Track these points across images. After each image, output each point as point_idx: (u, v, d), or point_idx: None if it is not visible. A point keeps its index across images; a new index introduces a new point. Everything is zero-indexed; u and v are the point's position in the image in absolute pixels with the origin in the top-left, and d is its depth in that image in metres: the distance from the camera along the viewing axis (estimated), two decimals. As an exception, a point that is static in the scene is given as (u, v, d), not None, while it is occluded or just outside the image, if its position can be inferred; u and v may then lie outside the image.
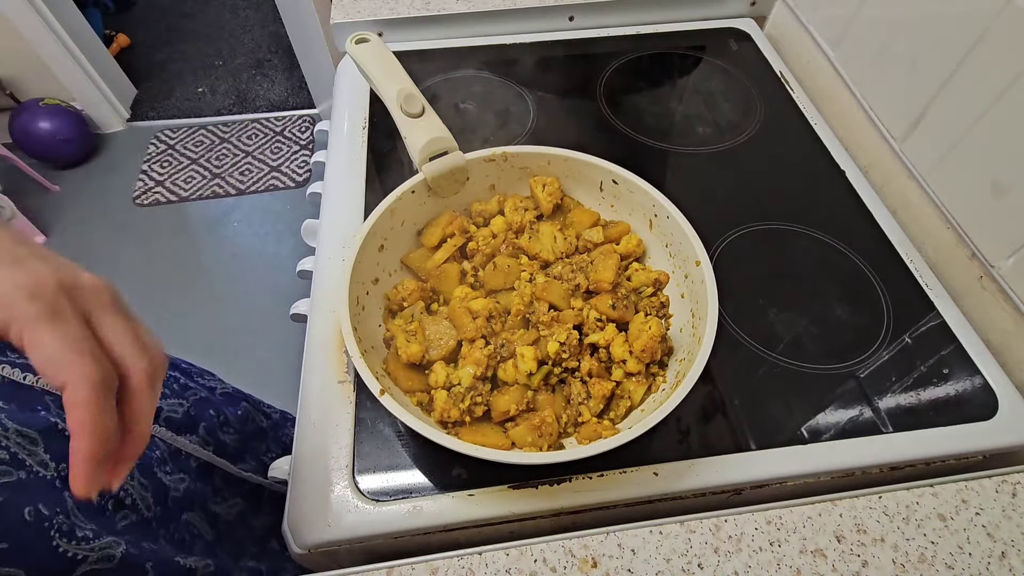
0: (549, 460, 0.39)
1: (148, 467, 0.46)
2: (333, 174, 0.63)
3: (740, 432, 0.45)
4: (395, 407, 0.39)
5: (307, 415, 0.46)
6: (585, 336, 0.46)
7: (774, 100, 0.70)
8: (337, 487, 0.42)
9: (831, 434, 0.45)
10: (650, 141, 0.66)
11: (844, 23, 0.65)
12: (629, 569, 0.38)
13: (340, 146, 0.65)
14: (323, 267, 0.55)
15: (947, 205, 0.54)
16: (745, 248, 0.56)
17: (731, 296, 0.52)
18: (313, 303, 0.52)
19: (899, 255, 0.56)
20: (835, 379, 0.48)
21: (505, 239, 0.52)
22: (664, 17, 0.80)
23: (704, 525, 0.40)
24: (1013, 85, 0.46)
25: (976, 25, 0.49)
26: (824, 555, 0.38)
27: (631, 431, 0.38)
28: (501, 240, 0.51)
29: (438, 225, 0.52)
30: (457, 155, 0.51)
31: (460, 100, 0.70)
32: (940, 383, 0.48)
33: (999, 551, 0.39)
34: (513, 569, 0.38)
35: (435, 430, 0.38)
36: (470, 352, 0.44)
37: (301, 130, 2.02)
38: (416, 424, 0.38)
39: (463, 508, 0.41)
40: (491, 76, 0.73)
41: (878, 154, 0.63)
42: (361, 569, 0.38)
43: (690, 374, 0.40)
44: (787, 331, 0.50)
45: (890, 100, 0.60)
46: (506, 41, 0.78)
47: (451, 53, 0.76)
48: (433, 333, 0.46)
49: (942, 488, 0.42)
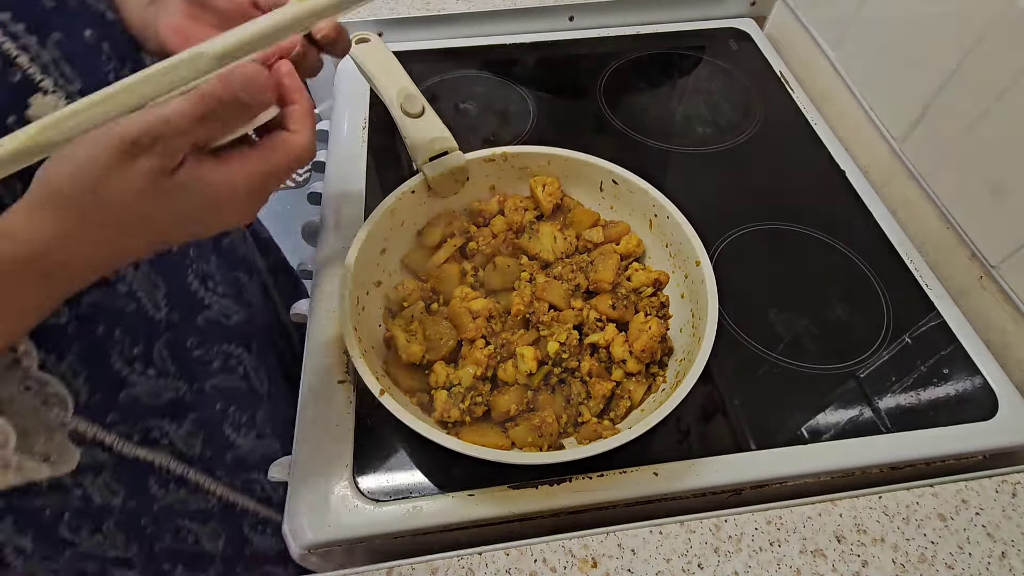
0: (549, 460, 0.39)
1: None
2: (333, 174, 0.63)
3: (740, 432, 0.45)
4: (395, 407, 0.39)
5: (307, 415, 0.46)
6: (585, 336, 0.46)
7: (774, 100, 0.71)
8: (337, 487, 0.42)
9: (831, 434, 0.45)
10: (650, 141, 0.66)
11: (844, 23, 0.65)
12: (629, 569, 0.38)
13: (340, 146, 0.65)
14: (323, 267, 0.55)
15: (947, 205, 0.54)
16: (745, 248, 0.56)
17: (731, 296, 0.52)
18: (313, 303, 0.52)
19: (899, 255, 0.56)
20: (835, 379, 0.48)
21: (505, 239, 0.52)
22: (664, 17, 0.80)
23: (704, 525, 0.40)
24: (1013, 85, 0.46)
25: (976, 25, 0.49)
26: (824, 555, 0.39)
27: (631, 431, 0.38)
28: (501, 240, 0.52)
29: (438, 225, 0.52)
30: (457, 155, 0.51)
31: (460, 100, 0.70)
32: (940, 383, 0.48)
33: (999, 551, 0.39)
34: (513, 569, 0.38)
35: (435, 430, 0.38)
36: (470, 352, 0.44)
37: (301, 130, 2.02)
38: (416, 424, 0.38)
39: (463, 508, 0.41)
40: (491, 76, 0.73)
41: (878, 154, 0.63)
42: (361, 569, 0.38)
43: (690, 374, 0.40)
44: (787, 331, 0.50)
45: (890, 100, 0.60)
46: (506, 41, 0.78)
47: (451, 53, 0.76)
48: (433, 333, 0.46)
49: (942, 488, 0.42)
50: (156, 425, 0.44)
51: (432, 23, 0.77)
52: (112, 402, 0.40)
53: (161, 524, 0.48)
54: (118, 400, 0.41)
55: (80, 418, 0.38)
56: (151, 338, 0.42)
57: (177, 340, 0.44)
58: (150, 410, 0.43)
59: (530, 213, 0.53)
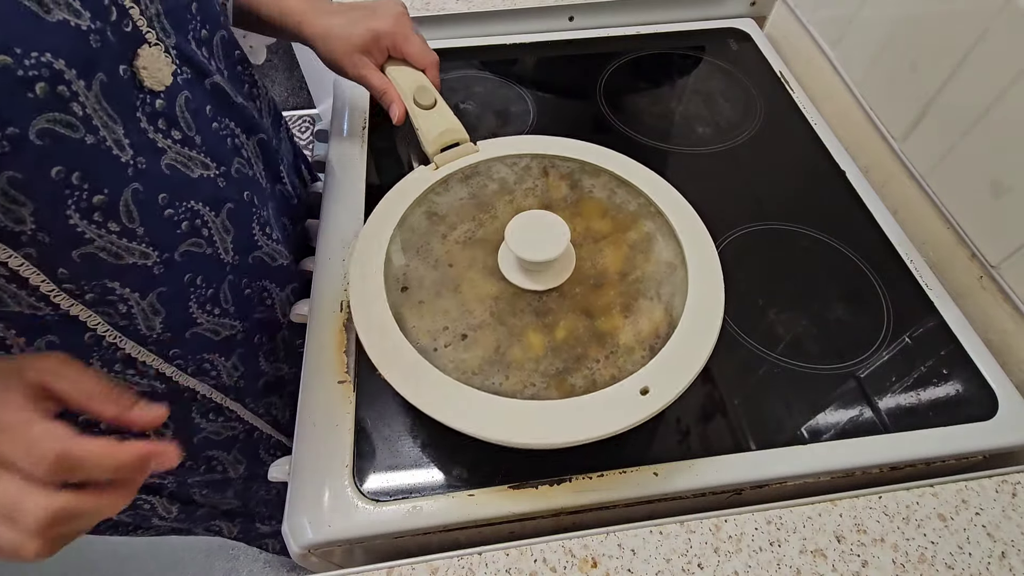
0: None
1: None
2: (333, 174, 0.63)
3: (740, 432, 0.45)
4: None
5: (307, 415, 0.46)
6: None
7: (774, 100, 0.71)
8: (337, 487, 0.42)
9: (831, 434, 0.45)
10: (650, 141, 0.66)
11: (844, 23, 0.65)
12: (629, 569, 0.38)
13: (340, 146, 0.65)
14: (323, 267, 0.55)
15: (947, 205, 0.54)
16: (745, 248, 0.56)
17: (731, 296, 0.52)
18: (313, 303, 0.52)
19: (899, 255, 0.56)
20: (835, 379, 0.48)
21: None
22: (664, 17, 0.80)
23: (704, 525, 0.40)
24: (1013, 85, 0.46)
25: (976, 25, 0.49)
26: (824, 555, 0.39)
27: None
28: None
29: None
30: (468, 146, 0.53)
31: (460, 100, 0.70)
32: (940, 383, 0.48)
33: (999, 551, 0.39)
34: (513, 569, 0.38)
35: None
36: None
37: (301, 130, 2.02)
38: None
39: (463, 508, 0.41)
40: (491, 76, 0.73)
41: (878, 154, 0.63)
42: (361, 569, 0.38)
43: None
44: (787, 331, 0.50)
45: (890, 100, 0.60)
46: (506, 41, 0.78)
47: (451, 53, 0.76)
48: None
49: (942, 488, 0.42)
50: (209, 359, 0.48)
51: (432, 23, 0.77)
52: (179, 340, 0.44)
53: (197, 456, 0.54)
54: (184, 337, 0.45)
55: (145, 349, 0.42)
56: (220, 281, 0.46)
57: (237, 281, 0.48)
58: (208, 345, 0.47)
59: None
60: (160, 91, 0.36)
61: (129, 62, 0.34)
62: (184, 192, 0.40)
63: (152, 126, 0.36)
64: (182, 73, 0.39)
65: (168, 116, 0.37)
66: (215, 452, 0.56)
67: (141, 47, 0.34)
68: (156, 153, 0.37)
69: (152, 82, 0.35)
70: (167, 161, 0.38)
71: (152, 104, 0.36)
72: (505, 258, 0.48)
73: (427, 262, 0.51)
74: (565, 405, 0.40)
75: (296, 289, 0.57)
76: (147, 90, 0.35)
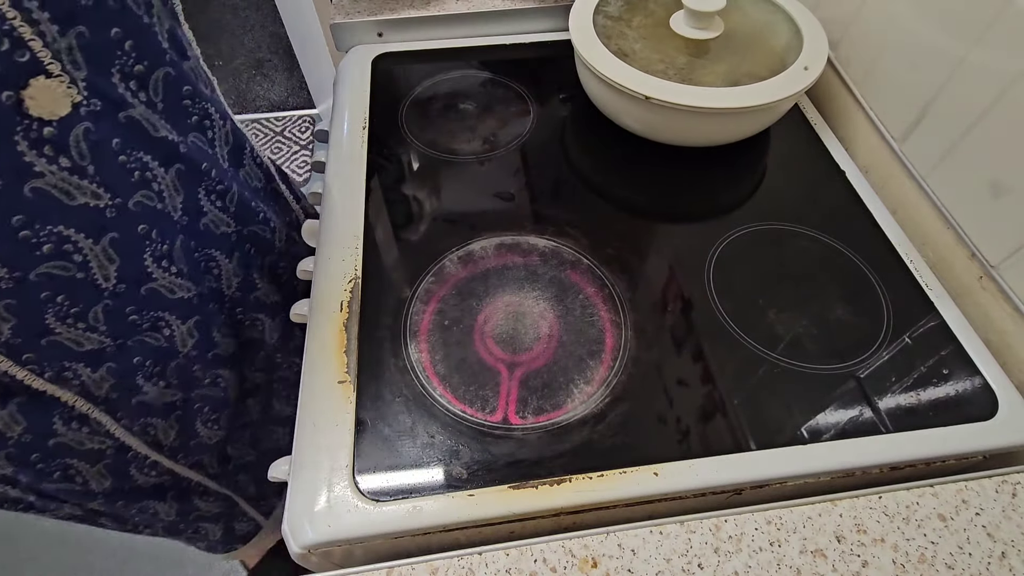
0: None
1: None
2: (333, 174, 0.63)
3: (740, 432, 0.45)
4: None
5: (307, 415, 0.46)
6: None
7: (774, 100, 0.70)
8: (337, 487, 0.42)
9: (831, 434, 0.45)
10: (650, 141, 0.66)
11: (844, 23, 0.65)
12: (629, 569, 0.38)
13: (340, 146, 0.65)
14: (323, 267, 0.55)
15: (947, 205, 0.54)
16: (745, 248, 0.56)
17: (731, 296, 0.52)
18: (313, 303, 0.52)
19: (899, 255, 0.56)
20: (835, 379, 0.48)
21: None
22: (664, 17, 0.80)
23: (704, 525, 0.40)
24: (1013, 85, 0.46)
25: (976, 25, 0.49)
26: (824, 555, 0.39)
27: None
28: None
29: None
30: None
31: (460, 100, 0.70)
32: (940, 383, 0.48)
33: (999, 551, 0.39)
34: (513, 569, 0.38)
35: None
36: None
37: (301, 130, 2.02)
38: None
39: (463, 508, 0.41)
40: (491, 76, 0.73)
41: (878, 154, 0.63)
42: (361, 569, 0.38)
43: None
44: (787, 331, 0.50)
45: (890, 100, 0.60)
46: (506, 41, 0.78)
47: (451, 53, 0.76)
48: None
49: (942, 488, 0.42)
50: (70, 367, 0.47)
51: (432, 23, 0.77)
52: (33, 345, 0.44)
53: (51, 461, 0.52)
54: (39, 344, 0.44)
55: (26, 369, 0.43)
56: (91, 303, 0.45)
57: (115, 306, 0.47)
58: (68, 354, 0.46)
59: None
60: (53, 120, 0.37)
61: (17, 89, 0.35)
62: (51, 217, 0.40)
63: (36, 151, 0.37)
64: (88, 105, 0.40)
65: (57, 144, 0.38)
66: (74, 461, 0.54)
67: (35, 78, 0.36)
68: (23, 175, 0.38)
69: (40, 111, 0.37)
70: (37, 185, 0.38)
71: (39, 131, 0.37)
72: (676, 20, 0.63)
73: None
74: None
75: (200, 323, 0.55)
76: (33, 117, 0.37)
